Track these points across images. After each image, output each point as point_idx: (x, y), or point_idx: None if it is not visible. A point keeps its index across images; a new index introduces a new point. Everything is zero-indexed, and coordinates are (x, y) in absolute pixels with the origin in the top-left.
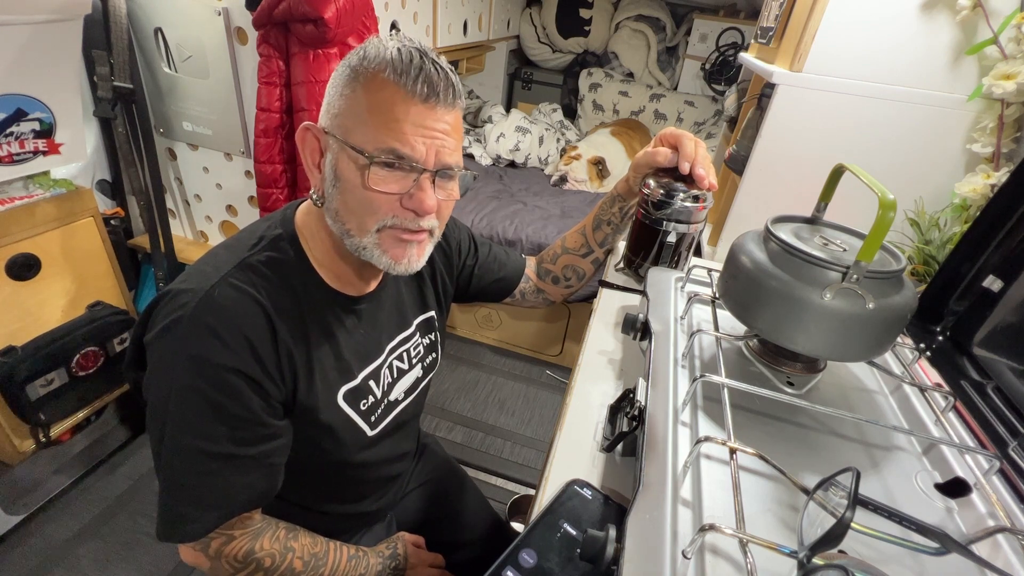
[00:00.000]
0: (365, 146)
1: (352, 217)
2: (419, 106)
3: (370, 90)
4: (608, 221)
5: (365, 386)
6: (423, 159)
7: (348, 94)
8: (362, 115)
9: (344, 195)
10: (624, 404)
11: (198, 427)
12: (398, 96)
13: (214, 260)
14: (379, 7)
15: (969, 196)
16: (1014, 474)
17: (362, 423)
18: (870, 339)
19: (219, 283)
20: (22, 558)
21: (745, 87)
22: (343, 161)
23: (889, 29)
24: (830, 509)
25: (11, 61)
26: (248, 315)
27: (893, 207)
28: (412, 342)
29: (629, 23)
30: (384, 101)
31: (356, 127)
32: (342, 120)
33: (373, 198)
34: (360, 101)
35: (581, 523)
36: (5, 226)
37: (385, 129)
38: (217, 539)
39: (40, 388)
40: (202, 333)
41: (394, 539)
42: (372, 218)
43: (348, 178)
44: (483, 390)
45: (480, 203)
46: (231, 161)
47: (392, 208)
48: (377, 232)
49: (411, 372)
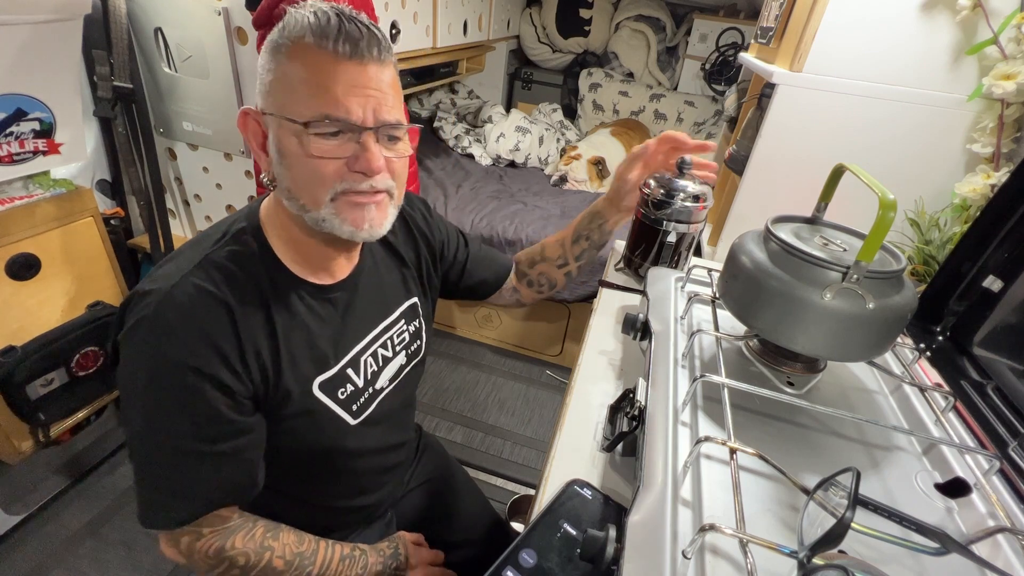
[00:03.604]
0: (300, 116)
1: (304, 190)
2: (346, 65)
3: (294, 58)
4: (587, 236)
5: (343, 375)
6: (361, 119)
7: (274, 67)
8: (291, 85)
9: (291, 170)
10: (624, 404)
11: (163, 424)
12: (323, 59)
13: (179, 258)
14: (379, 7)
15: (969, 196)
16: (1014, 474)
17: (342, 412)
18: (870, 339)
19: (180, 282)
20: (22, 558)
21: (745, 87)
22: (284, 136)
23: (889, 29)
24: (830, 509)
25: (11, 61)
26: (208, 312)
27: (893, 207)
28: (396, 328)
29: (629, 23)
30: (310, 67)
31: (288, 99)
32: (274, 96)
33: (319, 166)
34: (287, 72)
35: (581, 523)
36: (5, 226)
37: (317, 95)
38: (187, 535)
39: (40, 388)
40: (162, 332)
41: (395, 538)
42: (323, 187)
43: (291, 151)
44: (483, 390)
45: (480, 203)
46: (231, 161)
47: (340, 173)
48: (332, 201)
49: (395, 359)
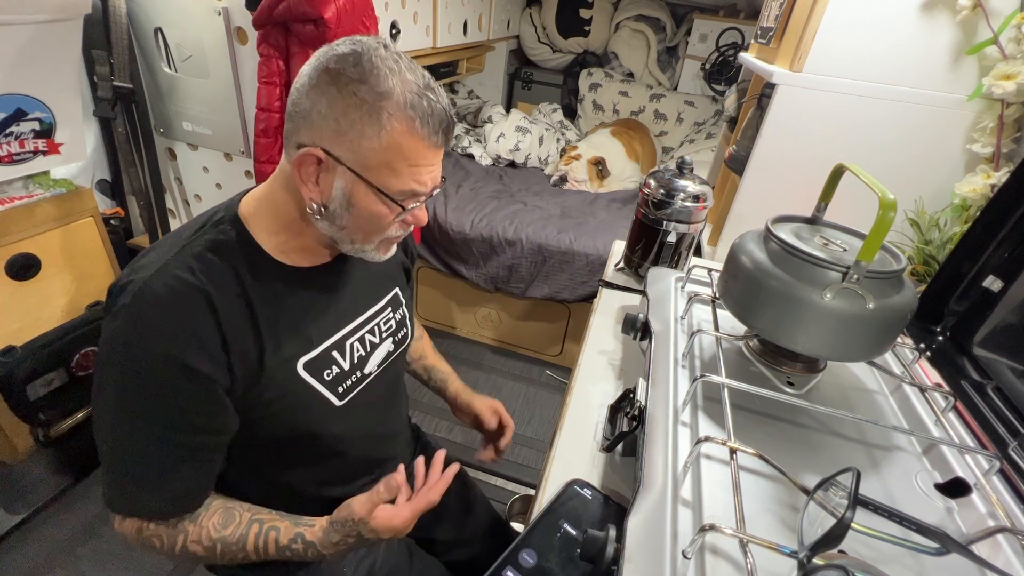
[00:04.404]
0: (390, 189)
1: (360, 234)
2: (434, 150)
3: (395, 134)
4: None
5: (327, 356)
6: (429, 191)
7: (371, 133)
8: (386, 158)
9: (357, 219)
10: (624, 404)
11: (136, 414)
12: (422, 146)
13: (159, 249)
14: (379, 7)
15: (969, 196)
16: (1014, 474)
17: (327, 392)
18: (870, 339)
19: (159, 271)
20: (22, 558)
21: (745, 87)
22: (362, 194)
23: (889, 29)
24: (830, 509)
25: (11, 61)
26: (185, 301)
27: (893, 207)
28: (383, 315)
29: (629, 23)
30: (409, 149)
31: (379, 168)
32: (359, 154)
33: (383, 222)
34: (384, 143)
35: (581, 523)
36: (5, 226)
37: (408, 175)
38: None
39: (40, 388)
40: (138, 322)
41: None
42: (379, 235)
43: (364, 206)
44: (483, 390)
45: (480, 203)
46: (231, 161)
47: (396, 224)
48: (380, 242)
49: (382, 345)
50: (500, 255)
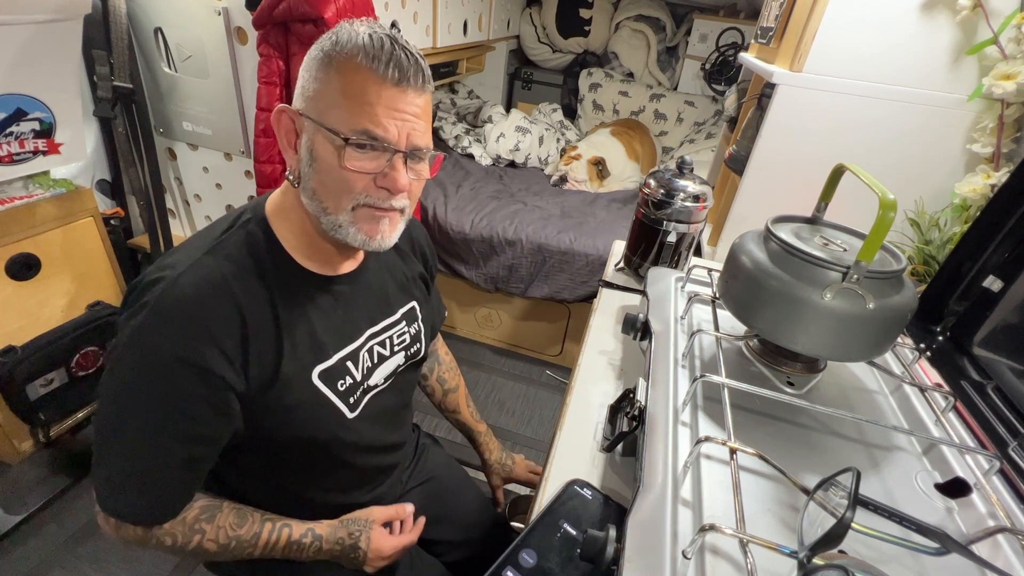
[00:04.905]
0: (340, 128)
1: (329, 195)
2: (391, 89)
3: (344, 74)
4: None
5: (342, 366)
6: (395, 140)
7: (322, 77)
8: (336, 98)
9: (321, 175)
10: (624, 404)
11: (133, 407)
12: (371, 80)
13: (187, 247)
14: (379, 7)
15: (969, 196)
16: (1014, 474)
17: (340, 404)
18: (870, 339)
19: (190, 269)
20: (22, 558)
21: (745, 87)
22: (319, 142)
23: (889, 29)
24: (830, 509)
25: (11, 61)
26: (212, 300)
27: (893, 207)
28: (397, 329)
29: (629, 23)
30: (357, 84)
31: (331, 109)
32: (317, 102)
33: (349, 177)
34: (334, 84)
35: (581, 523)
36: (5, 226)
37: (359, 111)
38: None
39: (40, 388)
40: (161, 319)
41: (362, 526)
42: (348, 196)
43: (324, 158)
44: (483, 390)
45: (480, 203)
46: (231, 161)
47: (366, 187)
48: (352, 210)
49: (392, 359)
50: (500, 255)
